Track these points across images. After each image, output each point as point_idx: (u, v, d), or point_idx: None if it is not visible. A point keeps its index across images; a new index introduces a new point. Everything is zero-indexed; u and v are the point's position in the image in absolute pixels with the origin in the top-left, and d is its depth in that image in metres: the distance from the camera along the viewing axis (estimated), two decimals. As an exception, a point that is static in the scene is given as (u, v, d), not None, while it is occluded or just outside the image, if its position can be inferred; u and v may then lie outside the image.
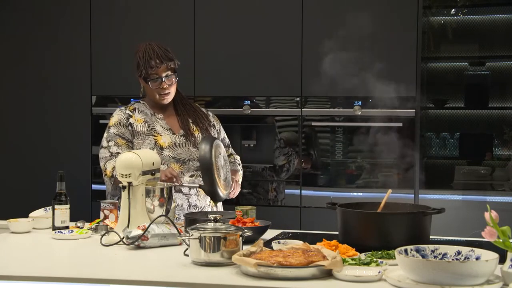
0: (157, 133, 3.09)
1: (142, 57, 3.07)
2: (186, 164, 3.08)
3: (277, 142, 4.25)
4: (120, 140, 3.06)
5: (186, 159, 3.08)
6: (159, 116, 3.15)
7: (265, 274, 1.95)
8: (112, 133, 3.08)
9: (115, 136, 3.07)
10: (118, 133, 3.07)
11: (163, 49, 3.08)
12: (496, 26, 4.24)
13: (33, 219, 2.86)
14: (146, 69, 3.05)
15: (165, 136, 3.09)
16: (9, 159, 4.64)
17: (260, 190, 4.30)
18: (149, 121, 3.12)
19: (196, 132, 3.16)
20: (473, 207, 3.95)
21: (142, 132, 3.08)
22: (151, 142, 3.06)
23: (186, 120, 3.17)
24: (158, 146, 3.06)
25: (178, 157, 3.07)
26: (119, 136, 3.07)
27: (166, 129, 3.12)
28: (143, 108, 3.16)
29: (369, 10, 3.92)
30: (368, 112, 4.05)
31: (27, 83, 4.61)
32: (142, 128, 3.09)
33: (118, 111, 3.16)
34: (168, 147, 3.07)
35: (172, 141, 3.09)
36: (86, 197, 4.47)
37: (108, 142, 3.07)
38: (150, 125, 3.10)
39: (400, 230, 2.35)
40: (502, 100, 4.27)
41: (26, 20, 4.59)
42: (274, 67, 4.19)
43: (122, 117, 3.11)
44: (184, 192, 3.06)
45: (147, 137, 3.07)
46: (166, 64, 3.05)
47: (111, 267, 2.24)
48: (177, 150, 3.08)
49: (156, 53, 3.05)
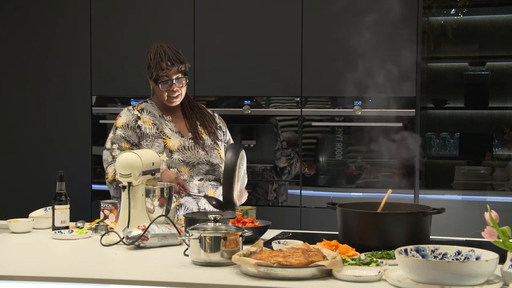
0: (166, 136, 3.06)
1: (153, 58, 3.03)
2: (196, 168, 3.05)
3: (279, 143, 4.24)
4: (125, 144, 3.02)
5: (195, 163, 3.05)
6: (167, 118, 3.12)
7: (265, 274, 1.95)
8: (118, 135, 3.04)
9: (120, 138, 3.03)
10: (125, 135, 3.03)
11: (175, 51, 3.05)
12: (496, 26, 4.23)
13: (33, 219, 2.86)
14: (157, 71, 3.02)
15: (174, 139, 3.07)
16: (9, 159, 4.64)
17: (260, 190, 4.30)
18: (158, 124, 3.08)
19: (204, 135, 3.13)
20: (473, 207, 3.95)
21: (151, 134, 3.05)
22: (160, 145, 3.03)
23: (194, 123, 3.14)
24: (167, 149, 3.03)
25: (188, 161, 3.04)
26: (125, 139, 3.03)
27: (174, 132, 3.09)
28: (151, 109, 3.13)
29: (369, 10, 3.92)
30: (368, 112, 4.05)
31: (27, 83, 4.61)
32: (150, 131, 3.05)
33: (126, 111, 3.11)
34: (178, 150, 3.04)
35: (181, 144, 3.06)
36: (86, 197, 4.47)
37: (112, 145, 3.03)
38: (158, 127, 3.07)
39: (400, 230, 2.35)
40: (502, 100, 4.26)
41: (26, 20, 4.60)
42: (274, 67, 4.19)
43: (130, 118, 3.06)
44: (193, 196, 3.03)
45: (156, 139, 3.04)
46: (177, 66, 3.03)
47: (111, 267, 2.24)
48: (186, 153, 3.05)
49: (167, 55, 3.02)
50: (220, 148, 3.15)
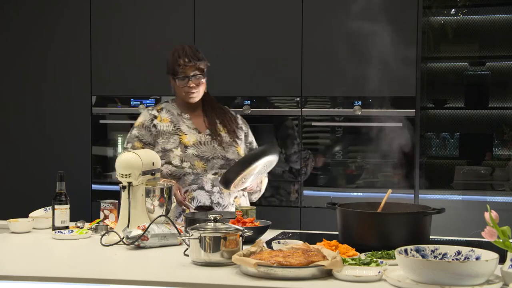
0: (182, 133, 3.11)
1: (172, 55, 3.12)
2: (210, 162, 3.08)
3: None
4: (138, 143, 3.11)
5: (210, 157, 3.09)
6: (185, 116, 3.17)
7: (265, 274, 1.95)
8: (134, 134, 3.14)
9: (134, 138, 3.13)
10: (139, 135, 3.13)
11: (194, 49, 3.14)
12: (496, 26, 4.23)
13: (33, 219, 2.86)
14: (174, 67, 3.10)
15: (190, 135, 3.11)
16: (9, 159, 4.64)
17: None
18: (175, 121, 3.15)
19: (223, 132, 3.17)
20: (473, 207, 3.95)
21: (168, 131, 3.11)
22: (176, 141, 3.09)
23: (213, 120, 3.18)
24: (182, 145, 3.08)
25: (202, 155, 3.08)
26: (138, 138, 3.12)
27: (191, 128, 3.14)
28: (170, 108, 3.19)
29: (369, 10, 3.92)
30: (368, 112, 4.05)
31: (27, 83, 4.61)
32: (167, 128, 3.12)
33: (145, 111, 3.22)
34: (193, 145, 3.09)
35: (197, 139, 3.11)
36: (86, 197, 4.47)
37: (127, 144, 3.15)
38: (176, 125, 3.14)
39: (400, 230, 2.35)
40: (502, 100, 4.26)
41: (26, 20, 4.59)
42: (274, 67, 4.19)
43: (146, 118, 3.16)
44: (206, 190, 3.06)
45: (172, 136, 3.10)
46: (194, 63, 3.09)
47: (111, 267, 2.24)
48: (201, 148, 3.10)
49: (185, 52, 3.10)
50: (239, 146, 3.17)
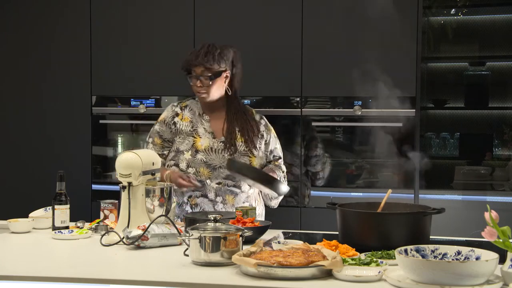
0: (198, 135, 3.09)
1: (189, 53, 3.10)
2: (216, 171, 3.05)
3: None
4: (157, 139, 3.13)
5: (217, 166, 3.05)
6: (205, 118, 3.13)
7: (265, 274, 1.95)
8: (155, 129, 3.16)
9: (155, 133, 3.15)
10: (159, 130, 3.15)
11: (211, 50, 3.04)
12: (496, 26, 4.23)
13: (33, 219, 2.86)
14: (184, 62, 3.09)
15: (204, 139, 3.08)
16: (9, 159, 4.64)
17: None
18: (195, 122, 3.12)
19: (239, 141, 3.09)
20: (473, 207, 3.95)
21: (185, 132, 3.10)
22: (189, 143, 3.08)
23: (233, 128, 3.10)
24: (194, 148, 3.06)
25: (210, 163, 3.04)
26: (159, 134, 3.14)
27: (208, 132, 3.10)
28: (194, 106, 3.17)
29: (369, 10, 3.92)
30: (368, 112, 4.05)
31: (27, 83, 4.61)
32: (186, 128, 3.11)
33: (169, 107, 3.21)
34: (204, 151, 3.06)
35: (209, 145, 3.07)
36: (86, 197, 4.47)
37: (149, 138, 3.17)
38: (194, 125, 3.12)
39: (400, 230, 2.35)
40: (502, 100, 4.26)
41: (26, 20, 4.59)
42: (274, 67, 4.18)
43: (169, 114, 3.16)
44: (210, 198, 3.04)
45: (188, 137, 3.09)
46: (204, 63, 3.02)
47: (111, 267, 2.24)
48: (211, 155, 3.06)
49: (199, 50, 3.05)
50: (253, 156, 3.10)
